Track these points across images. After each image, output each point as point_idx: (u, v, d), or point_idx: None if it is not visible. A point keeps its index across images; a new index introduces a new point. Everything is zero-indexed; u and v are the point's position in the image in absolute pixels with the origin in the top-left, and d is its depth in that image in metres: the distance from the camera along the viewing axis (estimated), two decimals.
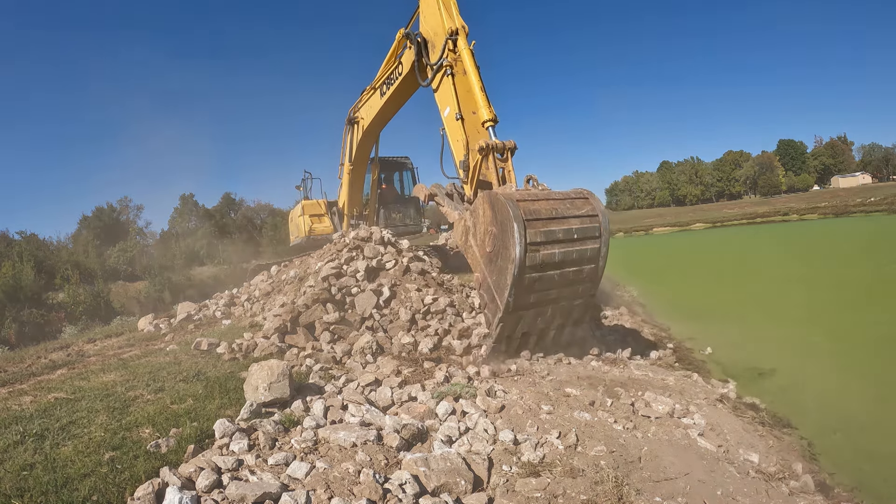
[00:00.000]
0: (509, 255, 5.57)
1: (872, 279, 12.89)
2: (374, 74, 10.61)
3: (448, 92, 7.48)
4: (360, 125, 11.87)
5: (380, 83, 10.28)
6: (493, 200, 5.88)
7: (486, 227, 6.06)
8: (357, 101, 11.96)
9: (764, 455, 4.49)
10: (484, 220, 6.08)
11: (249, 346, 7.29)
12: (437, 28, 7.71)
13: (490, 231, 5.95)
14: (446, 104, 7.61)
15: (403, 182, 15.35)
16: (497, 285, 5.87)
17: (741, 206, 79.89)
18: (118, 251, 52.82)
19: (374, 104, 10.84)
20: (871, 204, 48.44)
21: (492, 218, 5.92)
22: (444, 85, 7.61)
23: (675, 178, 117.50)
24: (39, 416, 4.82)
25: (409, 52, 8.65)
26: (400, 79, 9.25)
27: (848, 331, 8.75)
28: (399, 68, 9.14)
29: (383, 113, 10.81)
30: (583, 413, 5.03)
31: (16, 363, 8.12)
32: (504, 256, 5.69)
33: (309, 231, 14.31)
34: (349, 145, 12.39)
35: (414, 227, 15.53)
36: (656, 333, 9.21)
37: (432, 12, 7.77)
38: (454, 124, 7.40)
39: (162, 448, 3.99)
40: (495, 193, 5.98)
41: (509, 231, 5.53)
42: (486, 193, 6.11)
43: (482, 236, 6.14)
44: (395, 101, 10.18)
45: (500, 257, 5.79)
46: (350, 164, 12.66)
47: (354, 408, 4.87)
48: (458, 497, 3.54)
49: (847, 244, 21.95)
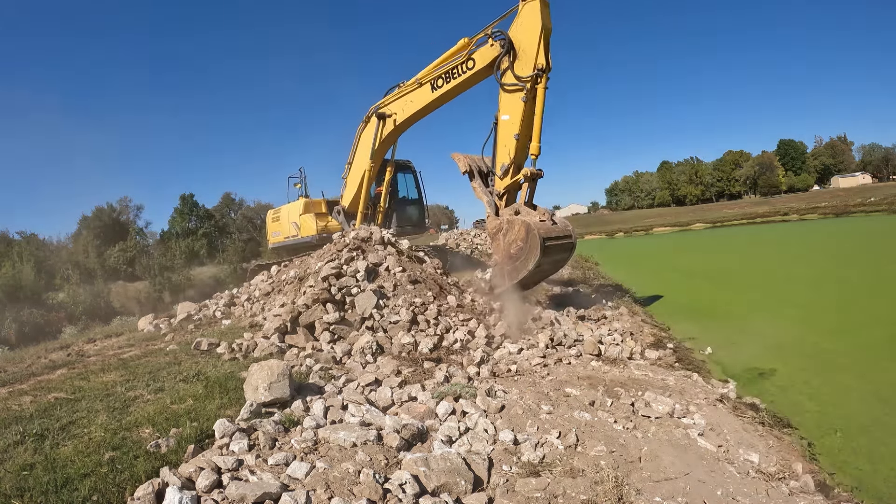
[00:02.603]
0: (526, 266, 8.60)
1: (873, 279, 12.89)
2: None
3: (516, 108, 8.97)
4: (392, 119, 12.02)
5: (432, 78, 10.78)
6: (529, 231, 8.55)
7: (516, 239, 8.78)
8: (385, 97, 12.15)
9: (764, 455, 4.49)
10: (517, 235, 8.78)
11: (249, 346, 7.29)
12: (528, 48, 8.85)
13: (518, 244, 8.75)
14: (509, 112, 9.12)
15: (407, 185, 15.33)
16: (509, 273, 8.95)
17: (741, 206, 79.89)
18: (118, 251, 52.84)
19: (419, 98, 11.25)
20: (871, 204, 48.44)
21: (524, 237, 8.65)
22: (514, 99, 9.00)
23: (675, 178, 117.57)
24: (39, 416, 4.82)
25: (489, 49, 9.49)
26: (469, 73, 10.07)
27: (848, 331, 8.74)
28: (469, 63, 10.00)
29: (429, 107, 11.35)
30: (583, 413, 5.03)
31: (16, 363, 8.12)
32: (522, 264, 8.67)
33: (322, 229, 14.05)
34: (374, 141, 12.32)
35: (419, 229, 15.65)
36: (656, 333, 9.21)
37: (531, 32, 8.79)
38: (509, 135, 9.10)
39: (162, 448, 3.99)
40: (532, 227, 8.52)
41: (532, 257, 8.48)
42: (526, 223, 8.65)
43: (511, 241, 8.88)
44: (451, 94, 10.75)
45: (518, 261, 8.74)
46: (371, 161, 12.58)
47: (354, 408, 4.87)
48: (458, 497, 3.54)
49: (847, 244, 21.95)
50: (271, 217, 16.54)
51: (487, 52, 9.55)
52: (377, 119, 12.24)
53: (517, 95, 8.90)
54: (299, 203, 14.88)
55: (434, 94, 10.88)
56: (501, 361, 6.96)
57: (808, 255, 19.54)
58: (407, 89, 11.57)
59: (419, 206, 15.56)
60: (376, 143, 12.37)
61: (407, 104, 11.67)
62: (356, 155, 13.30)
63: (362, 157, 12.98)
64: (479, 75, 10.06)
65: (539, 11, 8.63)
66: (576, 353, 7.54)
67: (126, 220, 64.78)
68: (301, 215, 14.64)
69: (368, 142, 12.63)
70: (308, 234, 14.35)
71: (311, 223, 14.29)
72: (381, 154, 12.90)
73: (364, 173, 12.91)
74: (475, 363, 6.67)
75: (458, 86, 10.47)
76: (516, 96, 8.91)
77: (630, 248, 38.61)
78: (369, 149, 12.55)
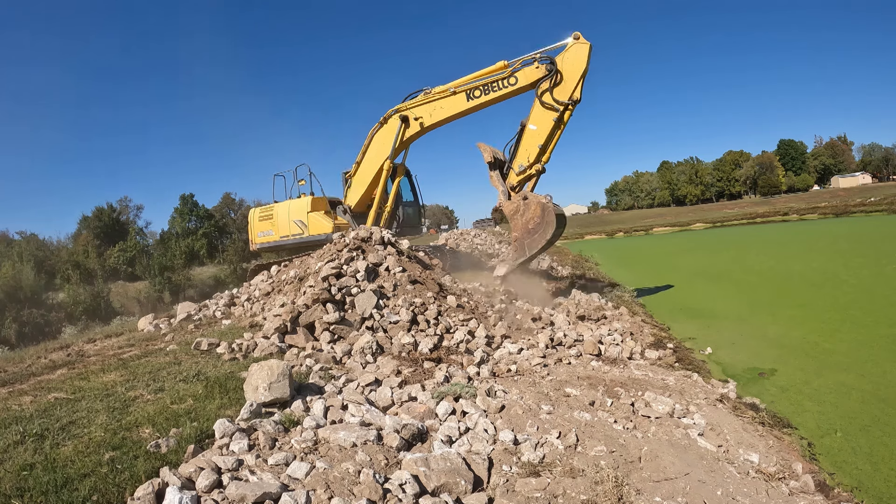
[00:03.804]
0: (544, 237, 10.56)
1: (873, 279, 12.89)
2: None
3: (545, 123, 10.62)
4: (419, 122, 12.56)
5: (468, 88, 11.67)
6: (545, 208, 10.53)
7: (533, 216, 10.70)
8: (407, 101, 12.66)
9: (764, 455, 4.49)
10: (534, 213, 10.69)
11: (249, 346, 7.28)
12: (570, 79, 10.44)
13: (535, 220, 10.66)
14: (538, 124, 10.74)
15: (403, 187, 15.45)
16: (528, 245, 10.78)
17: (741, 206, 79.90)
18: (118, 251, 52.84)
19: (452, 106, 12.06)
20: (871, 204, 48.43)
21: (540, 214, 10.57)
22: (546, 116, 10.59)
23: (675, 178, 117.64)
24: (39, 416, 4.81)
25: (534, 70, 10.79)
26: (511, 88, 11.22)
27: (848, 331, 8.75)
28: (512, 80, 11.19)
29: (459, 115, 12.20)
30: (583, 413, 5.03)
31: (16, 363, 8.11)
32: (540, 236, 10.60)
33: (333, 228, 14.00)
34: (395, 141, 12.66)
35: (416, 230, 15.80)
36: (656, 333, 9.21)
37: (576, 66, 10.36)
38: (534, 145, 10.82)
39: (162, 448, 3.98)
40: (547, 205, 10.52)
41: (549, 229, 10.49)
42: (541, 203, 10.60)
43: (528, 218, 10.76)
44: (483, 105, 11.78)
45: (537, 234, 10.64)
46: (390, 162, 12.91)
47: (354, 408, 4.86)
48: (458, 497, 3.54)
49: (847, 244, 21.94)
50: (259, 215, 15.99)
51: (532, 72, 10.79)
52: (400, 121, 12.53)
53: (550, 114, 10.48)
54: (304, 201, 14.63)
55: (469, 103, 11.71)
56: (501, 361, 6.96)
57: (807, 255, 19.53)
58: (437, 96, 12.13)
59: (415, 207, 15.70)
60: (397, 142, 12.67)
61: (436, 110, 12.23)
62: (367, 154, 13.35)
63: (375, 156, 13.11)
64: (516, 92, 11.22)
65: (587, 53, 10.27)
66: (576, 353, 7.54)
67: (126, 220, 64.85)
68: (309, 213, 14.43)
69: (385, 142, 12.83)
70: (321, 231, 14.13)
71: (323, 221, 14.11)
72: (397, 154, 13.15)
73: (379, 172, 13.12)
74: (475, 363, 6.67)
75: (494, 99, 11.47)
76: (549, 114, 10.50)
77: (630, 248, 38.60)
78: (385, 148, 12.78)
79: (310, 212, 14.36)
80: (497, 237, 25.13)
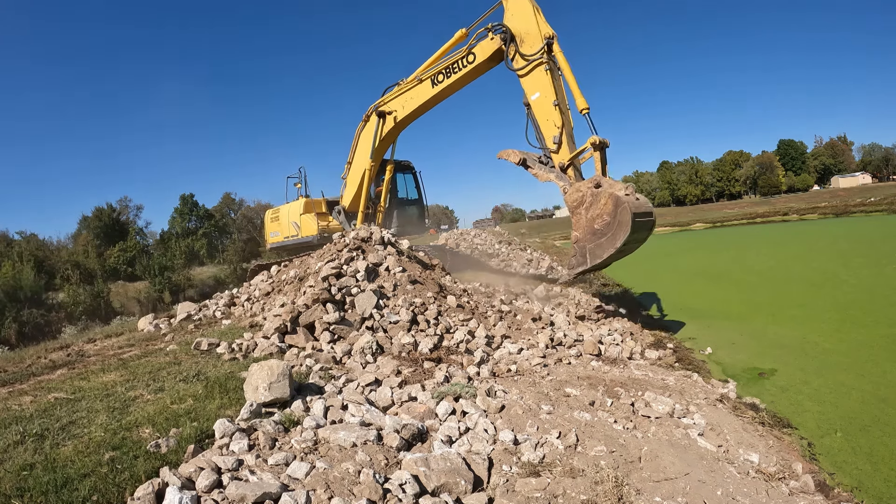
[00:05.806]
0: (613, 243, 7.88)
1: (873, 279, 12.89)
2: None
3: (543, 82, 9.06)
4: (393, 116, 12.18)
5: (432, 74, 11.03)
6: (619, 204, 7.81)
7: (602, 212, 8.05)
8: (383, 96, 12.30)
9: (764, 455, 4.49)
10: (604, 209, 8.03)
11: (249, 346, 7.29)
12: (529, 28, 9.27)
13: (605, 219, 8.01)
14: (536, 90, 9.18)
15: (407, 185, 15.33)
16: (591, 252, 8.21)
17: (741, 206, 79.80)
18: (118, 251, 52.85)
19: (419, 95, 11.49)
20: (871, 204, 48.39)
21: (611, 211, 7.89)
22: (538, 75, 9.13)
23: (675, 178, 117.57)
24: (39, 416, 4.81)
25: (489, 43, 9.85)
26: (470, 66, 10.33)
27: (848, 331, 8.74)
28: (470, 57, 10.30)
29: (430, 103, 11.59)
30: (583, 413, 5.03)
31: (16, 363, 8.11)
32: (609, 241, 7.94)
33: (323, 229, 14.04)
34: (374, 139, 12.42)
35: (419, 229, 15.68)
36: (656, 333, 9.21)
37: (524, 15, 9.30)
38: (549, 108, 9.02)
39: (162, 448, 3.98)
40: (621, 200, 7.82)
41: (622, 233, 7.76)
42: (614, 196, 7.92)
43: (595, 215, 8.11)
44: (451, 89, 11.05)
45: (604, 237, 7.99)
46: (372, 161, 12.66)
47: (354, 408, 4.86)
48: (458, 497, 3.54)
49: (847, 244, 21.93)
50: (270, 217, 16.51)
51: (488, 45, 9.91)
52: (377, 117, 12.31)
53: (538, 72, 9.15)
54: (299, 203, 14.84)
55: (434, 89, 11.14)
56: (501, 361, 6.96)
57: (807, 255, 19.52)
58: (406, 86, 11.72)
59: (419, 205, 15.58)
60: (376, 141, 12.44)
61: (407, 101, 11.85)
62: (356, 154, 13.32)
63: (362, 156, 12.99)
64: (480, 69, 10.36)
65: None
66: (576, 353, 7.55)
67: (126, 220, 64.82)
68: (301, 215, 14.62)
69: (368, 141, 12.66)
70: (309, 233, 14.35)
71: (311, 223, 14.28)
72: (381, 153, 12.94)
73: (364, 172, 12.91)
74: (475, 363, 6.67)
75: (459, 80, 10.72)
76: (537, 73, 9.17)
77: None
78: (369, 148, 12.59)
79: (302, 214, 14.56)
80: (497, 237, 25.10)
